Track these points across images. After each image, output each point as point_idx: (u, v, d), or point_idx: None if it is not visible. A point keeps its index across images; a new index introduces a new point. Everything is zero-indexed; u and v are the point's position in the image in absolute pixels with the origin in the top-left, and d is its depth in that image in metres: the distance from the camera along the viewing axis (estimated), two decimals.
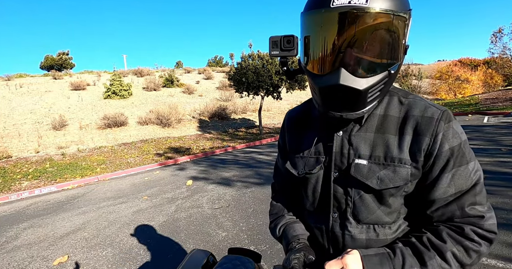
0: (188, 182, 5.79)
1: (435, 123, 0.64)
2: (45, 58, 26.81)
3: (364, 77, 0.60)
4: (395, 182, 0.65)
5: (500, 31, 18.14)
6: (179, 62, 42.66)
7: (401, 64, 0.65)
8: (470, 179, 0.63)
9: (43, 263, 3.12)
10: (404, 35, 0.62)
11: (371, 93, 0.62)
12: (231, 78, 12.08)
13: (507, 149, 5.41)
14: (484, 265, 2.18)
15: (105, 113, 12.59)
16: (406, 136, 0.66)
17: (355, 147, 0.70)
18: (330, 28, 0.60)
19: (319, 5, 0.61)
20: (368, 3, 0.56)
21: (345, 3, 0.57)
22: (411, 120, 0.66)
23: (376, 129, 0.69)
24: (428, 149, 0.64)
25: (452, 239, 0.62)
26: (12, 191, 6.58)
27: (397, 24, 0.60)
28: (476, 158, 0.67)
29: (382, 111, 0.70)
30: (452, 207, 0.64)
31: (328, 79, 0.62)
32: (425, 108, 0.67)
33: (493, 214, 0.64)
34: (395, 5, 0.59)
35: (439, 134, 0.63)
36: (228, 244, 3.08)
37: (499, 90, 20.40)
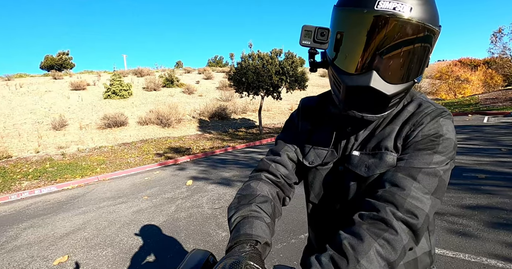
0: (188, 182, 5.79)
1: (421, 116, 0.66)
2: (45, 58, 26.80)
3: (392, 83, 0.62)
4: (381, 168, 0.66)
5: (500, 31, 18.13)
6: (179, 62, 42.66)
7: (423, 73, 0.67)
8: (426, 165, 0.61)
9: (43, 263, 3.12)
10: (432, 49, 0.63)
11: (394, 99, 0.64)
12: (231, 78, 12.08)
13: (507, 149, 5.40)
14: (484, 265, 2.18)
15: (105, 113, 12.59)
16: (395, 126, 0.68)
17: (359, 141, 0.73)
18: (370, 30, 0.60)
19: (362, 4, 0.60)
20: (411, 13, 0.57)
21: (390, 9, 0.57)
22: (404, 114, 0.69)
23: (377, 124, 0.72)
24: (406, 136, 0.66)
25: (371, 233, 0.55)
26: (12, 191, 6.58)
27: (431, 39, 0.61)
28: (452, 161, 0.63)
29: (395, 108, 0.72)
30: (391, 169, 0.64)
31: (358, 80, 0.62)
32: (420, 104, 0.69)
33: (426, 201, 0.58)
34: (432, 19, 0.60)
35: (421, 125, 0.64)
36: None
37: (499, 90, 20.39)
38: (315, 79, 22.71)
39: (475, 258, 2.27)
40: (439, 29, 0.61)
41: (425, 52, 0.62)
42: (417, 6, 0.58)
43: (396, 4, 0.57)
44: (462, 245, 2.46)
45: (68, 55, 27.89)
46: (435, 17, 0.61)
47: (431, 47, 0.62)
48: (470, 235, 2.60)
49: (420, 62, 0.63)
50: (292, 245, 2.89)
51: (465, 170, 4.36)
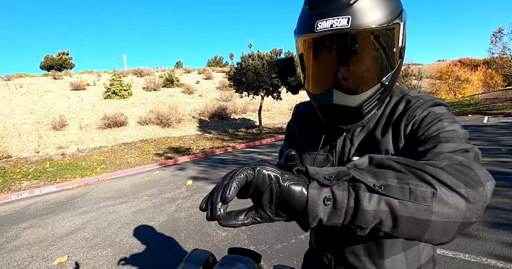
0: (188, 182, 5.79)
1: (412, 110, 0.63)
2: (45, 58, 26.80)
3: (356, 93, 0.63)
4: None
5: (500, 31, 18.13)
6: (179, 62, 42.64)
7: (399, 68, 0.66)
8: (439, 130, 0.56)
9: (43, 263, 3.12)
10: (397, 41, 0.63)
11: (366, 106, 0.65)
12: (231, 78, 12.08)
13: (507, 149, 5.40)
14: (484, 265, 2.18)
15: (105, 113, 12.59)
16: (389, 128, 0.67)
17: (355, 146, 0.71)
18: (317, 51, 0.64)
19: (304, 30, 0.63)
20: (349, 25, 0.57)
21: (327, 27, 0.58)
22: (395, 114, 0.68)
23: (373, 127, 0.71)
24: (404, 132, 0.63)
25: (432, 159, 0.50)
26: (12, 191, 6.57)
27: (384, 37, 0.60)
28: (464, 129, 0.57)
29: (381, 111, 0.71)
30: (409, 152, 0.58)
31: (322, 99, 0.65)
32: (409, 100, 0.66)
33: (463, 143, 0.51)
34: (381, 17, 0.59)
35: (415, 117, 0.62)
36: (228, 244, 3.08)
37: (499, 90, 20.39)
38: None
39: (475, 258, 2.27)
40: (396, 20, 0.60)
41: (381, 52, 0.61)
42: (355, 14, 0.57)
43: (332, 20, 0.58)
44: (462, 245, 2.46)
45: (68, 55, 27.89)
46: (387, 11, 0.59)
47: (387, 44, 0.61)
48: (470, 235, 2.60)
49: (379, 64, 0.62)
50: (292, 245, 2.89)
51: None
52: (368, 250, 0.71)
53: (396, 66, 0.65)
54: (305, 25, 0.63)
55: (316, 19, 0.60)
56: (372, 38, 0.59)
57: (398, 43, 0.63)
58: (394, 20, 0.60)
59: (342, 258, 0.75)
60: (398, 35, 0.62)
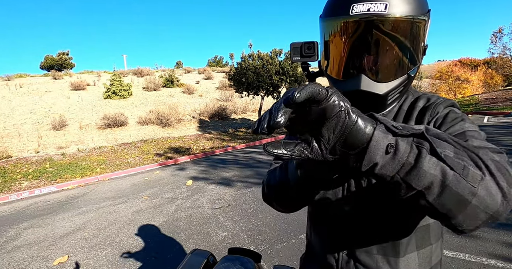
0: (188, 182, 5.79)
1: (434, 107, 0.65)
2: (45, 58, 26.80)
3: (384, 82, 0.62)
4: None
5: (500, 31, 18.14)
6: (179, 62, 42.64)
7: (420, 64, 0.67)
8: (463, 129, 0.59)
9: (43, 263, 3.12)
10: (423, 37, 0.63)
11: (391, 96, 0.65)
12: (231, 78, 12.08)
13: (507, 149, 5.40)
14: (484, 265, 2.18)
15: (105, 113, 12.59)
16: (411, 122, 0.67)
17: None
18: (350, 36, 0.62)
19: (337, 13, 0.61)
20: (387, 10, 0.57)
21: (364, 11, 0.57)
22: (415, 110, 0.68)
23: None
24: None
25: None
26: (12, 191, 6.57)
27: (416, 29, 0.61)
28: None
29: (398, 106, 0.72)
30: None
31: (348, 85, 0.63)
32: (429, 98, 0.69)
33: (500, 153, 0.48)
34: (414, 9, 0.59)
35: (438, 114, 0.64)
36: (228, 244, 3.08)
37: (499, 90, 20.40)
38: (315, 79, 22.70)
39: (475, 258, 2.27)
40: (425, 16, 0.61)
41: (412, 44, 0.62)
42: (394, 1, 0.57)
43: (370, 5, 0.57)
44: (462, 245, 2.46)
45: (68, 55, 27.89)
46: (419, 5, 0.60)
47: (417, 37, 0.62)
48: (470, 235, 2.60)
49: (409, 55, 0.63)
50: (292, 245, 2.89)
51: None
52: (382, 249, 0.68)
53: (419, 63, 0.65)
54: (337, 7, 0.62)
55: (352, 2, 0.59)
56: (407, 27, 0.60)
57: (425, 39, 0.64)
58: (424, 14, 0.61)
59: (353, 257, 0.72)
60: (425, 31, 0.63)
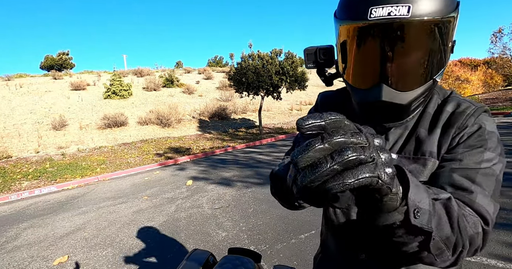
0: (188, 182, 5.79)
1: (465, 117, 0.61)
2: (45, 58, 26.80)
3: (408, 90, 0.57)
4: (423, 175, 0.62)
5: (500, 31, 18.14)
6: (179, 62, 42.63)
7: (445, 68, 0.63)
8: (479, 164, 0.57)
9: (43, 263, 3.12)
10: (452, 36, 0.57)
11: (414, 103, 0.60)
12: (231, 78, 12.08)
13: (507, 149, 5.41)
14: (484, 265, 2.18)
15: (105, 113, 12.59)
16: (436, 129, 0.63)
17: (390, 142, 0.67)
18: (369, 42, 0.56)
19: (355, 17, 0.55)
20: (410, 13, 0.51)
21: (384, 15, 0.51)
22: (443, 115, 0.63)
23: (413, 125, 0.66)
24: (451, 141, 0.61)
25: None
26: (12, 191, 6.57)
27: (444, 29, 0.55)
28: (503, 157, 0.59)
29: (422, 108, 0.67)
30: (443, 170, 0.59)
31: (368, 95, 0.59)
32: (459, 103, 0.64)
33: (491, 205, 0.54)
34: (441, 8, 0.53)
35: (466, 128, 0.60)
36: (228, 244, 3.08)
37: (499, 90, 20.41)
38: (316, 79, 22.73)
39: (475, 258, 2.27)
40: (454, 13, 0.55)
41: (438, 47, 0.56)
42: (416, 1, 0.51)
43: (391, 8, 0.51)
44: None
45: (68, 55, 27.89)
46: (446, 2, 0.54)
47: (444, 37, 0.56)
48: None
49: (435, 60, 0.57)
50: (292, 245, 2.89)
51: None
52: None
53: (445, 64, 0.61)
54: (354, 10, 0.55)
55: (369, 4, 0.53)
56: (432, 30, 0.54)
57: (452, 37, 0.58)
58: (452, 12, 0.54)
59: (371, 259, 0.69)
60: (454, 28, 0.57)
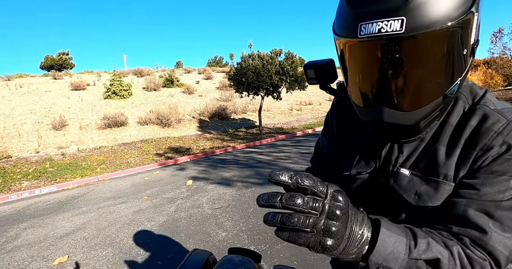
0: (188, 182, 5.79)
1: (491, 136, 0.51)
2: (45, 58, 26.80)
3: (413, 110, 0.50)
4: (435, 200, 0.55)
5: (500, 31, 18.15)
6: (179, 62, 42.65)
7: (469, 69, 0.53)
8: (502, 194, 0.49)
9: (43, 263, 3.12)
10: (469, 38, 0.49)
11: (424, 121, 0.53)
12: (231, 78, 12.09)
13: None
14: None
15: (105, 113, 12.59)
16: (456, 148, 0.55)
17: (405, 156, 0.61)
18: (362, 60, 0.51)
19: (344, 33, 0.50)
20: (404, 28, 0.43)
21: (375, 32, 0.45)
22: (466, 130, 0.54)
23: (430, 138, 0.59)
24: (472, 163, 0.53)
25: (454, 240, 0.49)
26: (12, 191, 6.58)
27: (454, 37, 0.46)
28: None
29: (442, 117, 0.58)
30: (458, 202, 0.52)
31: (370, 114, 0.54)
32: (485, 115, 0.53)
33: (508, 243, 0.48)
34: (448, 12, 0.44)
35: (492, 149, 0.51)
36: (228, 244, 3.08)
37: (499, 90, 20.41)
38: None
39: None
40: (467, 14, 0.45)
41: (448, 57, 0.48)
42: (413, 12, 0.43)
43: (381, 24, 0.44)
44: None
45: (68, 55, 27.88)
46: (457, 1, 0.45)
47: (458, 44, 0.48)
48: None
49: (443, 73, 0.49)
50: (292, 245, 2.89)
51: None
52: None
53: (466, 69, 0.51)
54: (344, 26, 0.50)
55: (359, 20, 0.46)
56: (435, 42, 0.45)
57: (471, 39, 0.49)
58: (468, 11, 0.45)
59: None
60: (470, 30, 0.48)
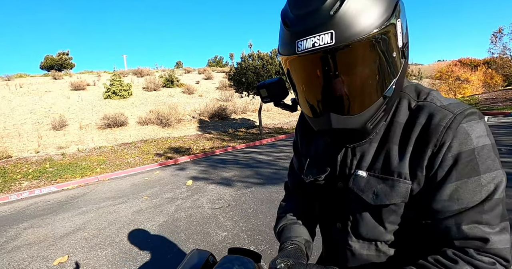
0: (188, 182, 5.79)
1: (441, 131, 0.54)
2: (45, 58, 26.80)
3: (357, 113, 0.56)
4: (391, 198, 0.59)
5: (500, 31, 18.15)
6: (179, 62, 42.65)
7: (404, 71, 0.58)
8: (478, 194, 0.53)
9: (43, 263, 3.12)
10: (396, 43, 0.54)
11: (371, 123, 0.58)
12: (231, 78, 12.09)
13: (507, 149, 5.40)
14: None
15: (105, 113, 12.59)
16: (408, 146, 0.59)
17: (358, 157, 0.65)
18: (304, 74, 0.57)
19: (285, 51, 0.56)
20: (333, 41, 0.49)
21: (310, 47, 0.50)
22: (415, 128, 0.58)
23: (381, 138, 0.63)
24: (429, 163, 0.56)
25: (460, 259, 0.52)
26: (12, 191, 6.57)
27: (380, 43, 0.52)
28: (500, 168, 0.54)
29: (389, 117, 0.63)
30: (448, 222, 0.55)
31: (320, 123, 0.59)
32: (433, 113, 0.57)
33: (504, 237, 0.53)
34: (371, 22, 0.49)
35: (444, 145, 0.54)
36: (228, 244, 3.08)
37: (499, 90, 20.40)
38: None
39: None
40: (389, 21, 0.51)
41: (379, 62, 0.53)
42: (339, 25, 0.48)
43: (314, 39, 0.50)
44: None
45: (68, 55, 27.88)
46: (378, 12, 0.50)
47: (387, 48, 0.53)
48: None
49: (378, 76, 0.54)
50: None
51: None
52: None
53: (400, 71, 0.57)
54: (285, 45, 0.55)
55: (295, 38, 0.52)
56: (364, 49, 0.51)
57: (398, 43, 0.55)
58: (388, 20, 0.51)
59: None
60: (396, 36, 0.54)
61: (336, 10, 0.49)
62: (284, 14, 0.57)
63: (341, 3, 0.49)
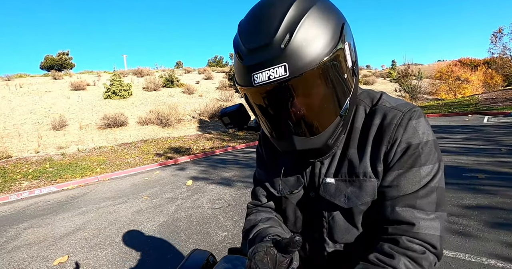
0: (188, 182, 5.79)
1: (393, 129, 0.60)
2: (45, 58, 26.79)
3: (318, 134, 0.59)
4: (362, 198, 0.63)
5: (500, 31, 18.16)
6: (179, 62, 42.64)
7: (356, 88, 0.62)
8: (417, 184, 0.58)
9: (43, 263, 3.12)
10: (346, 65, 0.57)
11: (332, 139, 0.61)
12: (231, 78, 12.09)
13: (507, 149, 5.40)
14: (484, 265, 2.18)
15: (105, 113, 12.59)
16: (367, 147, 0.63)
17: (325, 165, 0.68)
18: (263, 103, 0.59)
19: (243, 83, 0.58)
20: (288, 73, 0.51)
21: (265, 80, 0.53)
22: (372, 129, 0.63)
23: (344, 144, 0.67)
24: (385, 158, 0.61)
25: (396, 252, 0.56)
26: (12, 191, 6.57)
27: (331, 69, 0.54)
28: (440, 162, 0.60)
29: (346, 131, 0.66)
30: (386, 204, 0.60)
31: (285, 145, 0.62)
32: (385, 113, 0.62)
33: (435, 224, 0.57)
34: (320, 51, 0.52)
35: (396, 141, 0.60)
36: (228, 244, 3.08)
37: (499, 90, 20.40)
38: None
39: (475, 258, 2.27)
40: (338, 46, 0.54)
41: (332, 85, 0.56)
42: (291, 58, 0.51)
43: (269, 72, 0.52)
44: (462, 245, 2.46)
45: (68, 55, 27.87)
46: (325, 41, 0.53)
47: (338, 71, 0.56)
48: (470, 235, 2.60)
49: (333, 98, 0.57)
50: None
51: (465, 170, 4.36)
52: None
53: (352, 89, 0.60)
54: (241, 76, 0.57)
55: (251, 71, 0.54)
56: (317, 77, 0.53)
57: (348, 64, 0.58)
58: (336, 46, 0.54)
59: None
60: (345, 58, 0.57)
61: (286, 43, 0.51)
62: (236, 46, 0.58)
63: (291, 36, 0.51)
